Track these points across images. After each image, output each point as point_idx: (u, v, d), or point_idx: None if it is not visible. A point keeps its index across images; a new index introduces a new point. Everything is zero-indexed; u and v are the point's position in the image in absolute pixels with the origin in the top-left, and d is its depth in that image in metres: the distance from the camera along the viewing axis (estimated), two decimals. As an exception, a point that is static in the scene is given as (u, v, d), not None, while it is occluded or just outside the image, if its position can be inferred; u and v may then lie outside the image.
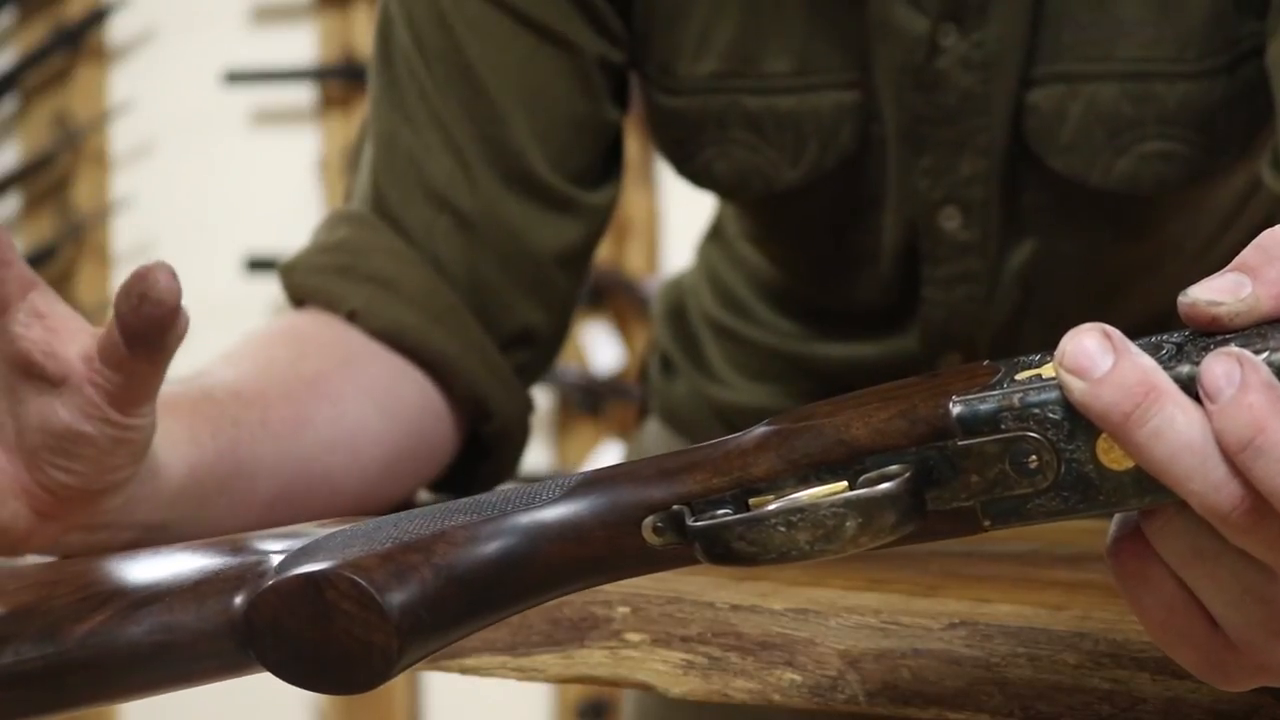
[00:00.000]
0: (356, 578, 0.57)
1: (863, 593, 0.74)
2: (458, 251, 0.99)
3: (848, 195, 1.06)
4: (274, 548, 0.61)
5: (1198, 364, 0.54)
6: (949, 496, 0.57)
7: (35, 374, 0.70)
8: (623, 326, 2.94)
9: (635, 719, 1.28)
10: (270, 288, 1.00)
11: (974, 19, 0.99)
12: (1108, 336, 0.54)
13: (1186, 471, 0.53)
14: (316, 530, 0.61)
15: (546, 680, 0.76)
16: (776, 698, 0.72)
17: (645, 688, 0.74)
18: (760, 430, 0.59)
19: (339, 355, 0.94)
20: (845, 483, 0.57)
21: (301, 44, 3.10)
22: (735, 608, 0.73)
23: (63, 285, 3.20)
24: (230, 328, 1.17)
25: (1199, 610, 0.57)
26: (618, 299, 2.92)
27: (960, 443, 0.56)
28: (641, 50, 1.05)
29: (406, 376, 0.96)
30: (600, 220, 1.04)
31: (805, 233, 1.12)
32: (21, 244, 3.23)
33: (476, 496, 0.61)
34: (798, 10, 1.01)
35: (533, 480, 0.60)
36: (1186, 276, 1.13)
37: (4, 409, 0.71)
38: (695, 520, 0.58)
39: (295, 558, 0.59)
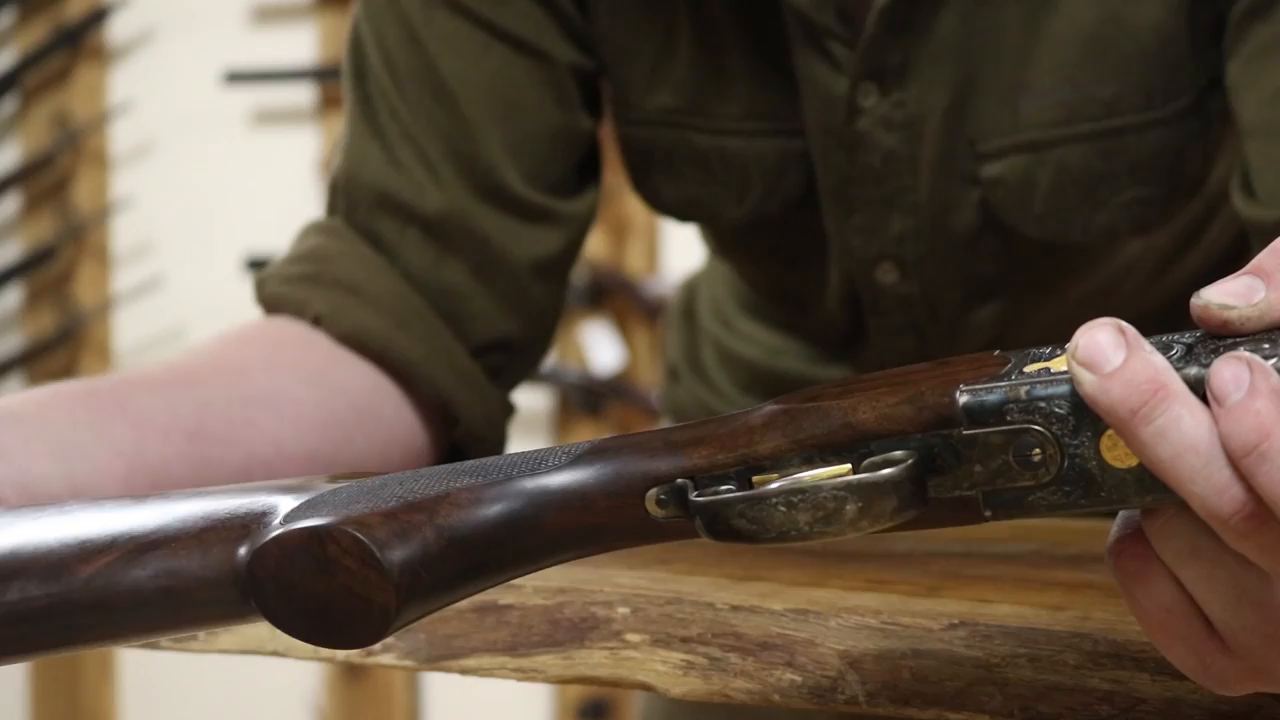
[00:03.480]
0: (358, 534, 0.57)
1: (863, 593, 0.74)
2: (429, 260, 0.99)
3: (792, 239, 1.06)
4: (280, 499, 0.61)
5: (1206, 366, 0.54)
6: (951, 485, 0.57)
7: None
8: (623, 326, 2.94)
9: (647, 718, 1.28)
10: (270, 289, 1.00)
11: (893, 78, 0.98)
12: (1122, 332, 0.54)
13: (1189, 472, 0.53)
14: (324, 484, 0.62)
15: (546, 680, 0.76)
16: (776, 698, 0.72)
17: (645, 688, 0.74)
18: (768, 409, 0.59)
19: (292, 356, 0.94)
20: (849, 465, 0.57)
21: (301, 44, 3.10)
22: (735, 608, 0.73)
23: (63, 285, 3.21)
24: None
25: (1196, 613, 0.57)
26: (618, 299, 2.92)
27: (965, 432, 0.56)
28: (604, 73, 1.05)
29: (377, 385, 0.96)
30: (579, 228, 1.04)
31: (759, 261, 1.12)
32: (21, 244, 3.24)
33: (483, 459, 0.62)
34: (741, 60, 1.01)
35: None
36: (1142, 297, 1.12)
37: None
38: (698, 495, 0.58)
39: (300, 511, 0.60)
